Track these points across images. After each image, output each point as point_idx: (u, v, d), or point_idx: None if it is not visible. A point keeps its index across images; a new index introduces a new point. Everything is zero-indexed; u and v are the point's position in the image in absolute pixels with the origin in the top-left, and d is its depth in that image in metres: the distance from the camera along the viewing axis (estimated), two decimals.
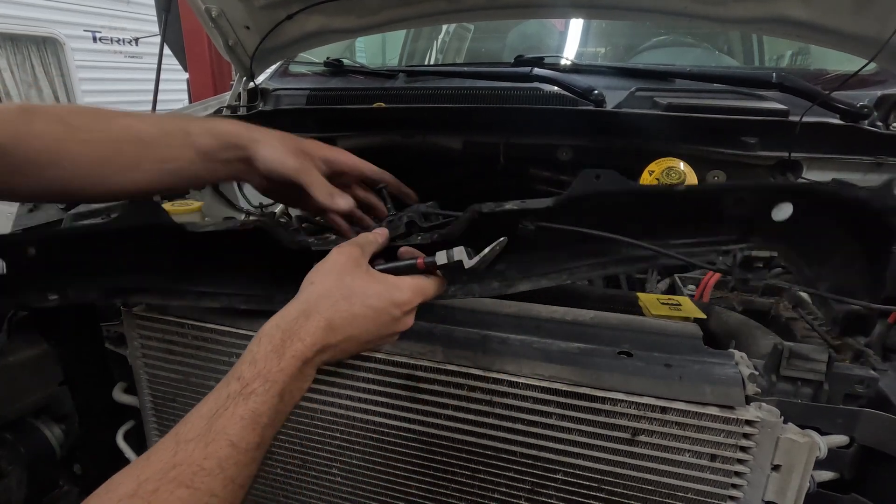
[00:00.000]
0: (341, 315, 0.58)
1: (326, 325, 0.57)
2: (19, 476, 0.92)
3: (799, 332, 0.79)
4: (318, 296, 0.59)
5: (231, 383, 0.54)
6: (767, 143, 1.06)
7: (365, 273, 0.62)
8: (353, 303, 0.59)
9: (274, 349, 0.55)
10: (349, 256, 0.62)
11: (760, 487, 0.61)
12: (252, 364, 0.54)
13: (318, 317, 0.57)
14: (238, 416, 0.51)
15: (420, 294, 0.63)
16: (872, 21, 1.02)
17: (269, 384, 0.53)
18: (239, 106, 1.59)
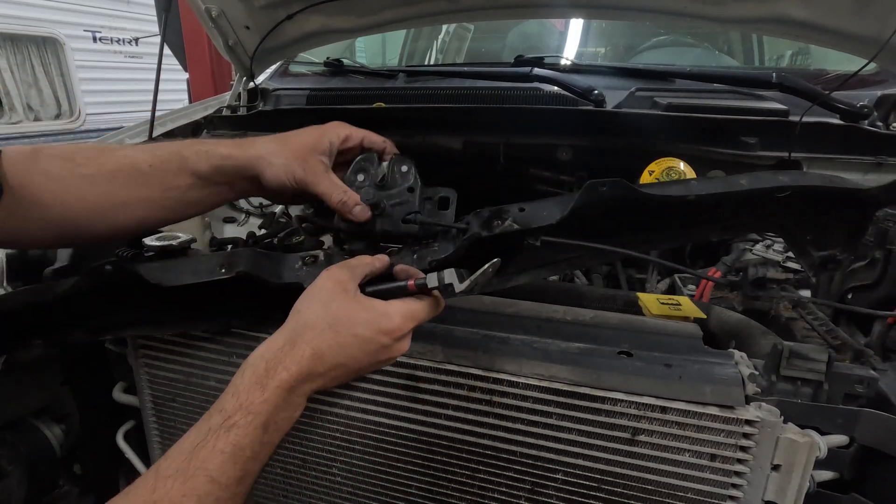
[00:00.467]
0: (327, 344, 0.57)
1: (312, 353, 0.56)
2: (19, 476, 0.93)
3: (799, 332, 0.79)
4: (303, 324, 0.58)
5: (213, 416, 0.52)
6: (767, 143, 1.06)
7: (352, 299, 0.59)
8: (339, 331, 0.57)
9: (257, 380, 0.54)
10: (337, 281, 0.60)
11: (760, 487, 0.61)
12: (235, 396, 0.53)
13: (303, 346, 0.56)
14: (219, 449, 0.49)
15: (411, 319, 0.60)
16: (872, 21, 1.02)
17: (251, 416, 0.52)
18: (239, 106, 1.59)
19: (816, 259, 0.74)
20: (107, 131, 1.54)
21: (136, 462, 0.98)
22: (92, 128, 5.05)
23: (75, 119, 5.04)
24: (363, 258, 0.65)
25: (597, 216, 0.73)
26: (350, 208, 0.72)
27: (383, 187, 0.73)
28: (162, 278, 0.68)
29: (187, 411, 0.87)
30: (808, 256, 0.75)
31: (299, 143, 0.75)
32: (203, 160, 0.72)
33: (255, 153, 0.73)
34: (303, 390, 0.57)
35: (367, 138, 0.79)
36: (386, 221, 0.71)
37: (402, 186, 0.72)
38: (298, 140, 0.76)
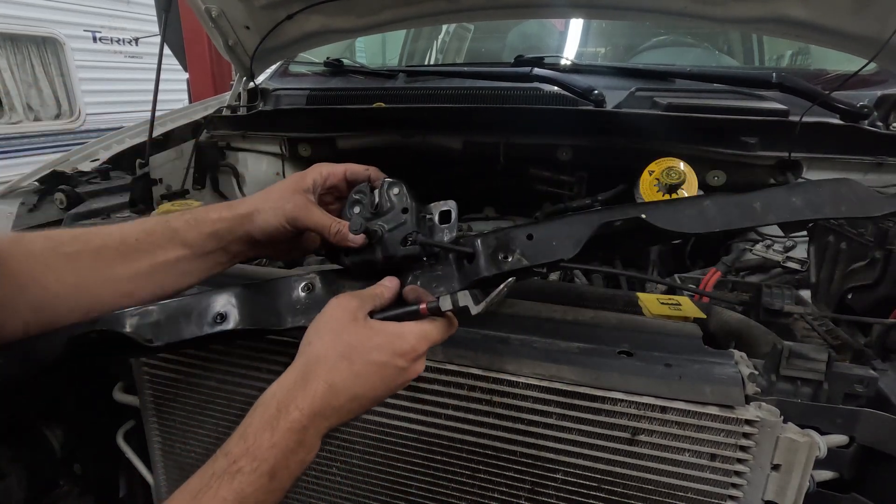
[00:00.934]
0: (342, 376, 0.54)
1: (327, 388, 0.54)
2: (19, 476, 0.92)
3: (799, 332, 0.79)
4: (315, 358, 0.55)
5: (218, 459, 0.50)
6: (767, 143, 1.06)
7: (363, 326, 0.57)
8: (354, 361, 0.55)
9: (267, 421, 0.51)
10: (346, 310, 0.58)
11: (760, 487, 0.61)
12: (242, 439, 0.51)
13: (316, 381, 0.54)
14: (220, 497, 0.47)
15: (425, 340, 0.59)
16: (872, 21, 1.02)
17: (257, 462, 0.49)
18: (239, 106, 1.60)
19: None
20: (107, 131, 1.55)
21: (136, 462, 0.98)
22: (92, 128, 5.05)
23: (75, 119, 5.04)
24: (373, 288, 0.64)
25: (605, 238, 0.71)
26: (345, 235, 0.69)
27: (378, 214, 0.71)
28: (154, 336, 0.66)
29: (187, 411, 0.87)
30: None
31: (282, 186, 0.73)
32: (193, 228, 0.69)
33: (245, 210, 0.71)
34: (317, 429, 0.54)
35: (349, 170, 0.75)
36: (385, 247, 0.69)
37: (397, 209, 0.71)
38: (281, 185, 0.73)
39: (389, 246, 0.68)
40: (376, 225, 0.69)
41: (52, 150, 4.66)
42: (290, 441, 0.51)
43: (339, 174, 0.75)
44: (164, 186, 1.39)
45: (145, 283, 0.68)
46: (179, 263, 0.69)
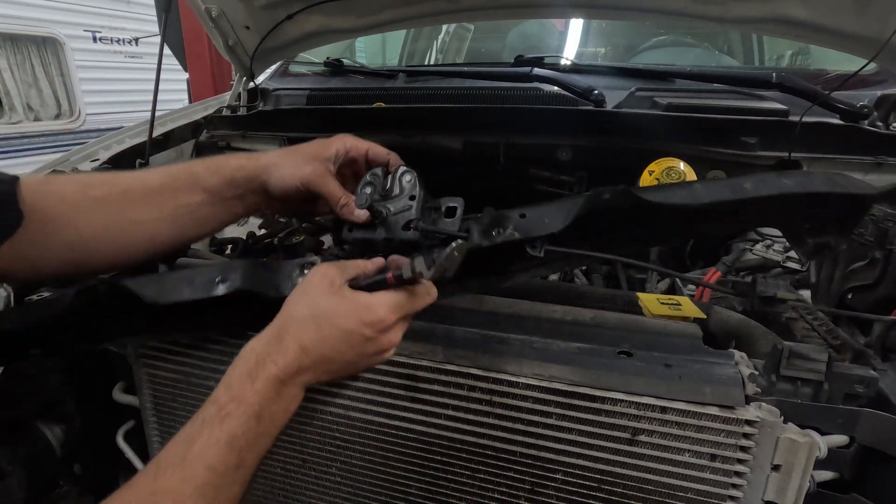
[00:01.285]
0: (310, 337, 0.57)
1: (297, 347, 0.57)
2: (19, 476, 0.93)
3: (799, 332, 0.79)
4: (289, 318, 0.59)
5: (207, 408, 0.54)
6: (767, 143, 1.06)
7: (336, 293, 0.59)
8: (322, 325, 0.58)
9: (248, 373, 0.55)
10: (324, 276, 0.60)
11: (760, 487, 0.61)
12: (227, 388, 0.55)
13: (288, 339, 0.57)
14: (214, 439, 0.51)
15: (395, 310, 0.60)
16: (872, 21, 1.02)
17: (243, 406, 0.53)
18: (239, 106, 1.59)
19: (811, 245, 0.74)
20: (107, 131, 1.54)
21: (136, 462, 0.98)
22: (92, 128, 5.05)
23: (75, 119, 5.04)
24: (358, 261, 0.66)
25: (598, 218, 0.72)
26: (351, 210, 0.74)
27: (386, 197, 0.74)
28: (157, 295, 0.66)
29: (187, 411, 0.87)
30: (804, 244, 0.76)
31: (306, 149, 0.77)
32: (214, 174, 0.73)
33: (265, 161, 0.75)
34: (294, 383, 0.58)
35: (371, 150, 0.80)
36: (387, 229, 0.72)
37: (405, 196, 0.74)
38: (305, 147, 0.78)
39: (391, 228, 0.72)
40: (382, 206, 0.73)
41: (52, 150, 4.66)
42: (270, 391, 0.55)
43: (361, 151, 0.79)
44: None
45: (167, 227, 0.72)
46: (199, 208, 0.73)
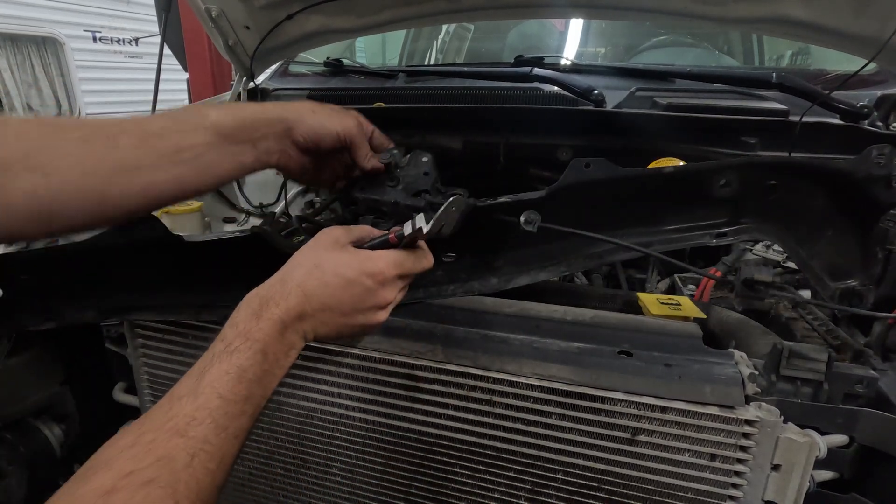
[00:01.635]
0: (313, 282, 0.59)
1: (300, 291, 0.59)
2: (19, 476, 0.92)
3: (799, 332, 0.79)
4: (294, 265, 0.61)
5: (216, 345, 0.56)
6: (767, 143, 1.06)
7: (340, 249, 0.62)
8: (325, 271, 0.60)
9: (252, 313, 0.57)
10: (330, 235, 0.63)
11: (760, 487, 0.61)
12: (233, 327, 0.56)
13: (292, 283, 0.59)
14: (223, 370, 0.53)
15: (395, 266, 0.63)
16: (872, 21, 1.02)
17: (250, 342, 0.55)
18: None
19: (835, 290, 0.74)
20: None
21: None
22: None
23: None
24: (360, 227, 0.68)
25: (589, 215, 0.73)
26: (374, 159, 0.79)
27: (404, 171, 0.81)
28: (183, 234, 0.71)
29: None
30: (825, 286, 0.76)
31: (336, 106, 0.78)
32: (228, 114, 0.67)
33: (296, 107, 0.73)
34: (295, 329, 0.59)
35: (376, 132, 0.82)
36: (398, 193, 0.77)
37: (420, 171, 0.80)
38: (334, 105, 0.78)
39: (401, 193, 0.78)
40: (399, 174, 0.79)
41: None
42: (274, 330, 0.57)
43: (369, 129, 0.81)
44: None
45: (164, 175, 0.63)
46: (205, 153, 0.66)
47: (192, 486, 0.47)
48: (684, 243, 0.76)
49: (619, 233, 0.77)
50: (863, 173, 0.67)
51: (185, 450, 0.48)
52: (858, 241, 0.72)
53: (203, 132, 0.66)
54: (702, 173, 0.73)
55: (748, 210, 0.75)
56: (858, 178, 0.67)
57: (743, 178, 0.72)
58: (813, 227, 0.74)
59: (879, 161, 0.67)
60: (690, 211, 0.75)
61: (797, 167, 0.71)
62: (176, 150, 0.63)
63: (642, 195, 0.75)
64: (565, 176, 0.69)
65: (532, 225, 0.70)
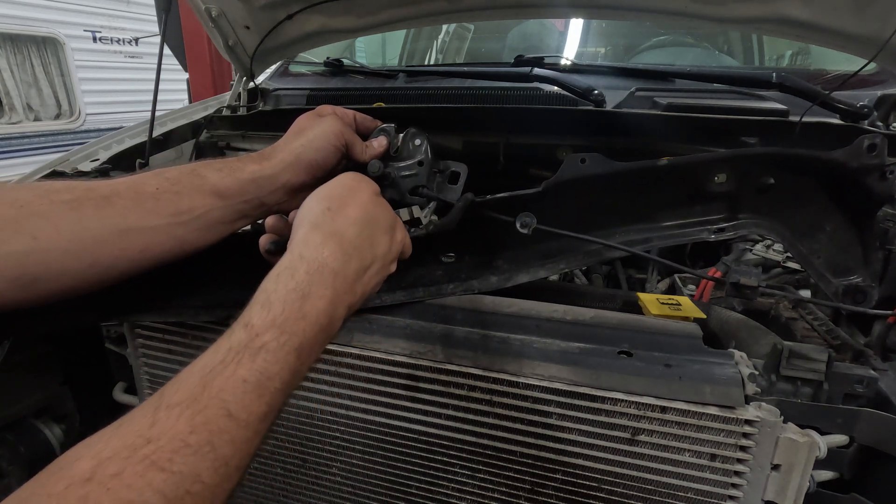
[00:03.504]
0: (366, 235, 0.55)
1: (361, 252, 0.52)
2: (19, 476, 0.92)
3: (799, 332, 0.79)
4: (347, 219, 0.54)
5: (235, 332, 0.42)
6: (767, 143, 1.06)
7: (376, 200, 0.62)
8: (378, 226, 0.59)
9: (298, 291, 0.43)
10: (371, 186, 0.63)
11: (760, 487, 0.61)
12: (266, 308, 0.42)
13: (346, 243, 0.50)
14: (240, 377, 0.40)
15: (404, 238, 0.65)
16: (872, 21, 1.02)
17: (286, 336, 0.42)
18: (239, 106, 1.59)
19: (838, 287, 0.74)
20: (107, 131, 1.54)
21: None
22: (92, 128, 5.05)
23: (75, 119, 5.04)
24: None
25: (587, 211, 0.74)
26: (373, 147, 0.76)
27: (396, 158, 0.77)
28: None
29: None
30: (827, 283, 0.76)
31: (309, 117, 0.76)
32: (227, 176, 0.62)
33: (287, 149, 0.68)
34: (345, 304, 0.49)
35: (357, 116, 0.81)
36: (393, 191, 0.75)
37: (414, 160, 0.76)
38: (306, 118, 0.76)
39: (397, 191, 0.75)
40: (391, 167, 0.76)
41: (52, 150, 4.67)
42: (323, 317, 0.44)
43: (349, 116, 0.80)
44: None
45: (163, 236, 0.59)
46: (206, 214, 0.61)
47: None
48: (683, 239, 0.76)
49: (617, 229, 0.77)
50: (856, 163, 0.67)
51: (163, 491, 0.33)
52: (858, 237, 0.72)
53: (202, 195, 0.61)
54: (696, 165, 0.73)
55: (746, 205, 0.75)
56: (852, 169, 0.67)
57: (738, 170, 0.72)
58: (811, 221, 0.74)
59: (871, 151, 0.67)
60: (688, 206, 0.75)
61: (790, 158, 0.71)
62: (175, 212, 0.59)
63: (639, 190, 0.75)
64: (561, 171, 0.70)
65: (528, 228, 0.70)
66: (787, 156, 0.72)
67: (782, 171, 0.71)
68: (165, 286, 0.79)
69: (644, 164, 0.72)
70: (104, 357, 0.95)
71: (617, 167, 0.71)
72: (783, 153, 0.73)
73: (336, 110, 0.78)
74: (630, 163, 0.72)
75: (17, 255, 0.50)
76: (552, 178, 0.71)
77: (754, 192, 0.73)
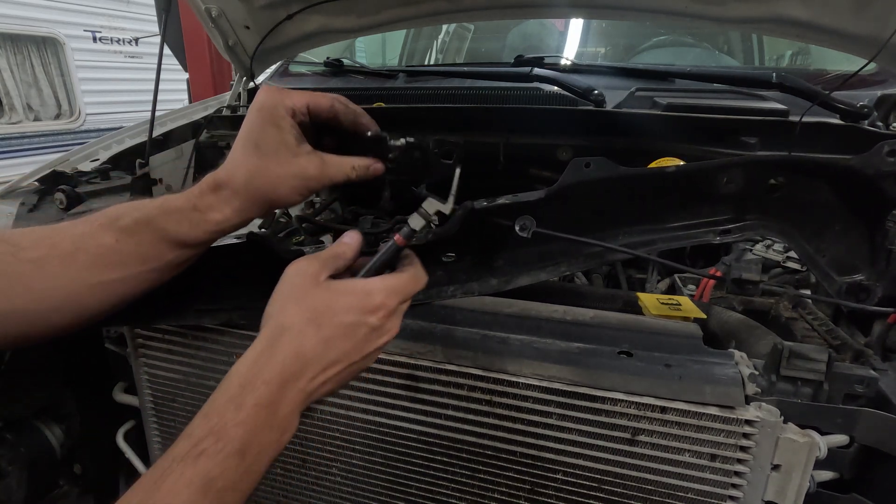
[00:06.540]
0: (311, 343, 0.50)
1: (295, 358, 0.50)
2: (19, 476, 0.92)
3: (799, 332, 0.79)
4: (280, 328, 0.51)
5: (179, 443, 0.45)
6: (767, 143, 1.06)
7: (326, 289, 0.53)
8: (322, 325, 0.51)
9: (231, 399, 0.47)
10: (305, 275, 0.54)
11: (760, 487, 0.61)
12: (205, 419, 0.46)
13: (283, 352, 0.50)
14: (185, 480, 0.43)
15: (394, 294, 0.55)
16: (872, 21, 1.02)
17: (222, 443, 0.45)
18: (239, 106, 1.59)
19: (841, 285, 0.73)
20: (107, 131, 1.54)
21: (136, 462, 0.98)
22: (92, 128, 5.06)
23: (75, 119, 5.04)
24: (334, 248, 0.58)
25: (590, 213, 0.73)
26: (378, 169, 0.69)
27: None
28: None
29: (187, 411, 0.87)
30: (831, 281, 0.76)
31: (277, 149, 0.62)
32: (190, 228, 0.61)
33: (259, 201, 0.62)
34: (289, 404, 0.50)
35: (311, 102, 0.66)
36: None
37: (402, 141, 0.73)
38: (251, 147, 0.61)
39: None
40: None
41: (52, 150, 4.67)
42: (259, 418, 0.47)
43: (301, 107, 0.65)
44: (164, 186, 1.39)
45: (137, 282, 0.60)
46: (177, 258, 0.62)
47: None
48: (687, 241, 0.75)
49: (620, 231, 0.77)
50: (872, 170, 0.66)
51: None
52: (866, 237, 0.72)
53: (166, 245, 0.61)
54: (706, 172, 0.72)
55: (753, 207, 0.74)
56: (868, 175, 0.67)
57: (748, 175, 0.71)
58: (820, 222, 0.74)
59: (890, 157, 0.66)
60: (694, 208, 0.75)
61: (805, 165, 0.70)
62: (142, 261, 0.60)
63: (644, 194, 0.74)
64: (565, 176, 0.69)
65: (527, 231, 0.69)
66: (802, 162, 0.71)
67: (793, 175, 0.70)
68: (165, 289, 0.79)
69: (651, 170, 0.71)
70: (104, 357, 0.95)
71: (622, 172, 0.69)
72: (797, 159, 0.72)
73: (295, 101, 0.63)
74: (636, 168, 0.70)
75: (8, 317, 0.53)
76: (555, 184, 0.70)
77: (763, 194, 0.73)
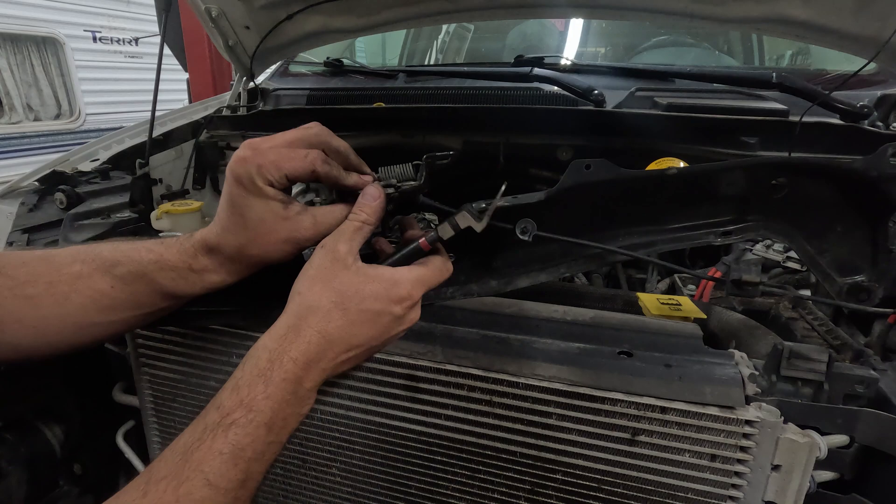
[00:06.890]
0: (336, 325, 0.52)
1: (320, 338, 0.51)
2: (19, 476, 0.92)
3: (799, 332, 0.79)
4: (307, 307, 0.52)
5: (209, 413, 0.48)
6: (767, 143, 1.06)
7: (355, 273, 0.54)
8: (349, 309, 0.52)
9: (260, 373, 0.49)
10: (335, 257, 0.54)
11: (760, 487, 0.61)
12: (234, 391, 0.48)
13: (309, 331, 0.51)
14: (216, 450, 0.45)
15: (421, 285, 0.57)
16: (872, 21, 1.02)
17: (253, 413, 0.47)
18: (239, 106, 1.60)
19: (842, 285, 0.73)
20: (107, 131, 1.55)
21: (136, 462, 0.98)
22: (92, 128, 5.06)
23: (75, 119, 5.05)
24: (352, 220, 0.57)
25: (590, 214, 0.73)
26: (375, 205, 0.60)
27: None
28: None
29: (187, 411, 0.87)
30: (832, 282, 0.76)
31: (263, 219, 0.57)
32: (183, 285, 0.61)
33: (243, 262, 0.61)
34: (312, 380, 0.52)
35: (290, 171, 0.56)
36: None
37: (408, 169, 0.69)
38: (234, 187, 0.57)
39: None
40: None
41: (52, 150, 4.67)
42: (286, 392, 0.49)
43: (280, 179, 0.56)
44: (164, 186, 1.39)
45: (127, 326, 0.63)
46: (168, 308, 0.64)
47: None
48: (688, 242, 0.75)
49: (620, 232, 0.77)
50: (876, 172, 0.67)
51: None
52: (868, 238, 0.72)
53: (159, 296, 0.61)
54: (707, 174, 0.72)
55: (755, 208, 0.74)
56: (871, 177, 0.67)
57: (750, 177, 0.71)
58: (822, 223, 0.74)
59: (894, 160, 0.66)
60: (695, 210, 0.75)
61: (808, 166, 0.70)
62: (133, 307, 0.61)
63: (644, 195, 0.74)
64: (565, 178, 0.69)
65: (528, 235, 0.69)
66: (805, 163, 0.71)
67: (796, 176, 0.70)
68: None
69: (652, 172, 0.71)
70: (104, 357, 0.95)
71: (623, 174, 0.69)
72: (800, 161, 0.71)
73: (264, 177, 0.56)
74: (637, 171, 0.69)
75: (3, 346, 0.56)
76: (556, 186, 0.69)
77: (765, 195, 0.73)
